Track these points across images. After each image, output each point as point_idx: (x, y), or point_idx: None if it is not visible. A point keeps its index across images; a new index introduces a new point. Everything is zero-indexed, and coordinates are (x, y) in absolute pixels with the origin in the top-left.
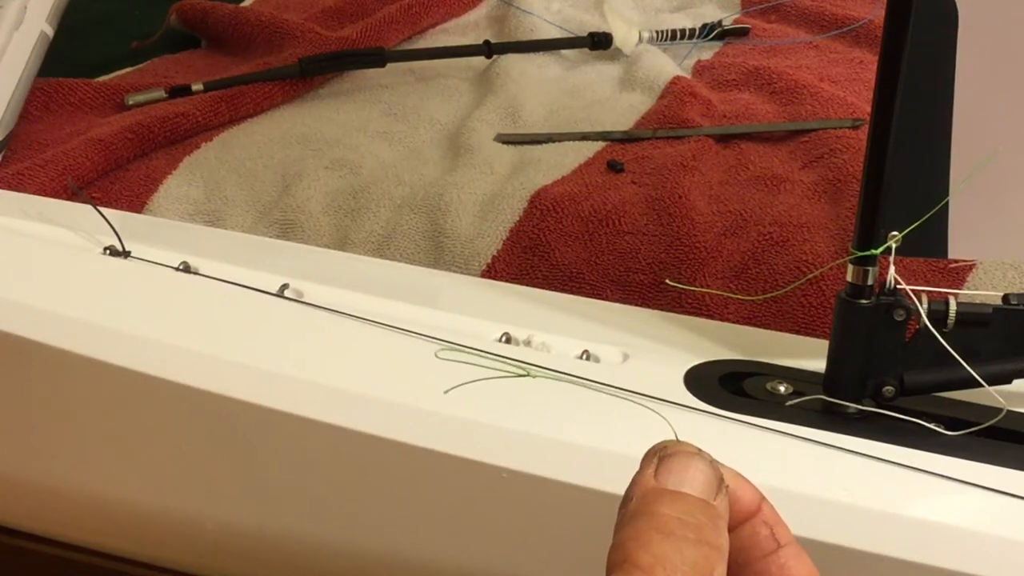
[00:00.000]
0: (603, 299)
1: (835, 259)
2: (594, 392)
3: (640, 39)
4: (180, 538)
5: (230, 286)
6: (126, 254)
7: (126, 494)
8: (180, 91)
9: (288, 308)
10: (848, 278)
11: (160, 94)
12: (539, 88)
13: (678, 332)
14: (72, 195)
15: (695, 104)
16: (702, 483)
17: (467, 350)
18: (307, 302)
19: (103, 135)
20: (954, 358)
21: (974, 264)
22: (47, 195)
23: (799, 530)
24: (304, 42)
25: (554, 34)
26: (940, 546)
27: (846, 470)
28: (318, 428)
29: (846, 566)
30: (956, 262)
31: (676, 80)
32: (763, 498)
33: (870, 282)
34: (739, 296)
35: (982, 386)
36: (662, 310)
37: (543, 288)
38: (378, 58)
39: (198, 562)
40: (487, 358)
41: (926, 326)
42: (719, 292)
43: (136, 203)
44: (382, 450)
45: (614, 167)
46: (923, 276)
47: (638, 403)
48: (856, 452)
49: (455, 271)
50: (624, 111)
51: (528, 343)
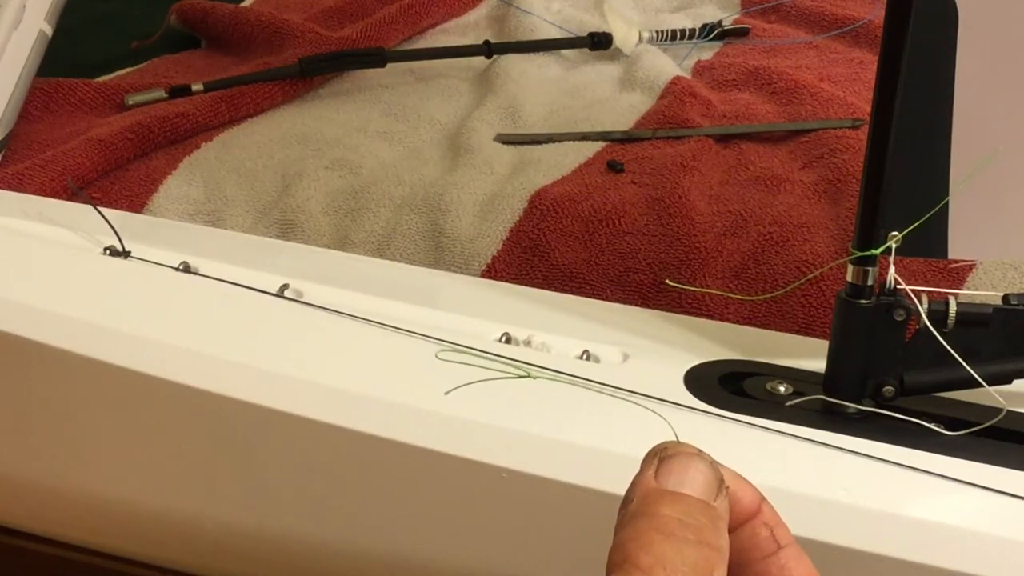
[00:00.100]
0: (603, 299)
1: (835, 259)
2: (594, 392)
3: (640, 39)
4: (180, 538)
5: (230, 286)
6: (126, 254)
7: (126, 494)
8: (180, 91)
9: (288, 308)
10: (848, 278)
11: (160, 94)
12: (539, 88)
13: (678, 332)
14: (72, 195)
15: (695, 104)
16: (702, 484)
17: (467, 350)
18: (307, 302)
19: (103, 135)
20: (954, 358)
21: (974, 264)
22: (47, 195)
23: (799, 530)
24: (304, 42)
25: (554, 34)
26: (940, 546)
27: (846, 470)
28: (318, 428)
29: (846, 566)
30: (956, 262)
31: (676, 80)
32: (763, 499)
33: (870, 282)
34: (739, 296)
35: (982, 386)
36: (662, 310)
37: (543, 288)
38: (378, 58)
39: (198, 562)
40: (487, 358)
41: (926, 326)
42: (719, 292)
43: (136, 203)
44: (382, 450)
45: (614, 167)
46: (923, 276)
47: (638, 403)
48: (856, 452)
49: (455, 271)
50: (624, 111)
51: (528, 343)
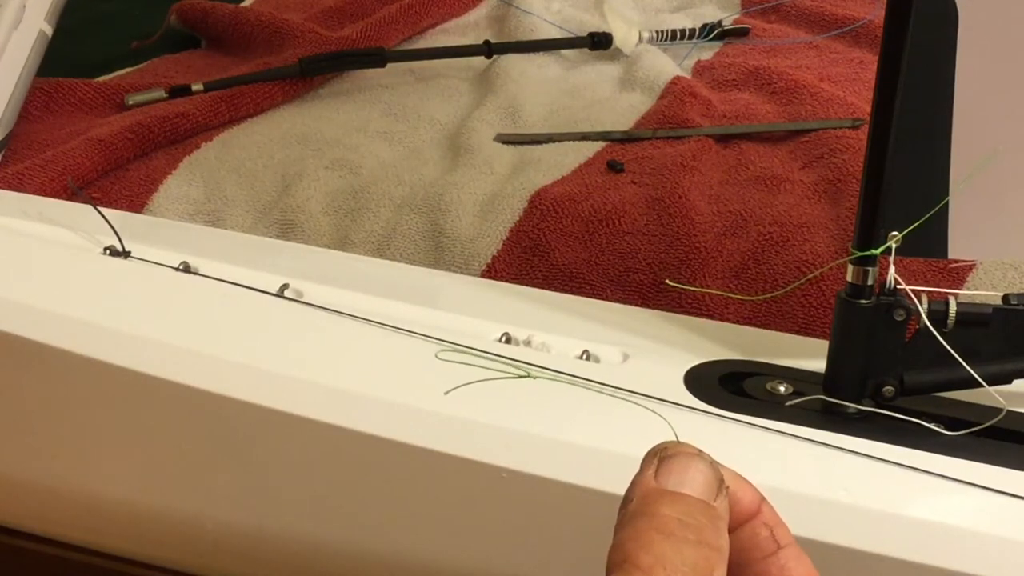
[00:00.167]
0: (603, 299)
1: (835, 259)
2: (594, 392)
3: (640, 39)
4: (180, 538)
5: (230, 286)
6: (126, 254)
7: (126, 494)
8: (180, 91)
9: (288, 308)
10: (848, 278)
11: (160, 94)
12: (539, 88)
13: (678, 332)
14: (72, 195)
15: (695, 104)
16: (702, 484)
17: (467, 350)
18: (307, 302)
19: (103, 135)
20: (954, 358)
21: (974, 264)
22: (47, 195)
23: (799, 530)
24: (304, 42)
25: (554, 34)
26: (940, 546)
27: (846, 470)
28: (318, 428)
29: (846, 566)
30: (956, 262)
31: (676, 80)
32: (763, 499)
33: (870, 282)
34: (739, 296)
35: (982, 386)
36: (662, 310)
37: (543, 288)
38: (378, 58)
39: (198, 562)
40: (487, 358)
41: (926, 326)
42: (719, 292)
43: (136, 203)
44: (382, 450)
45: (614, 167)
46: (923, 276)
47: (638, 403)
48: (856, 452)
49: (455, 271)
50: (624, 111)
51: (528, 343)
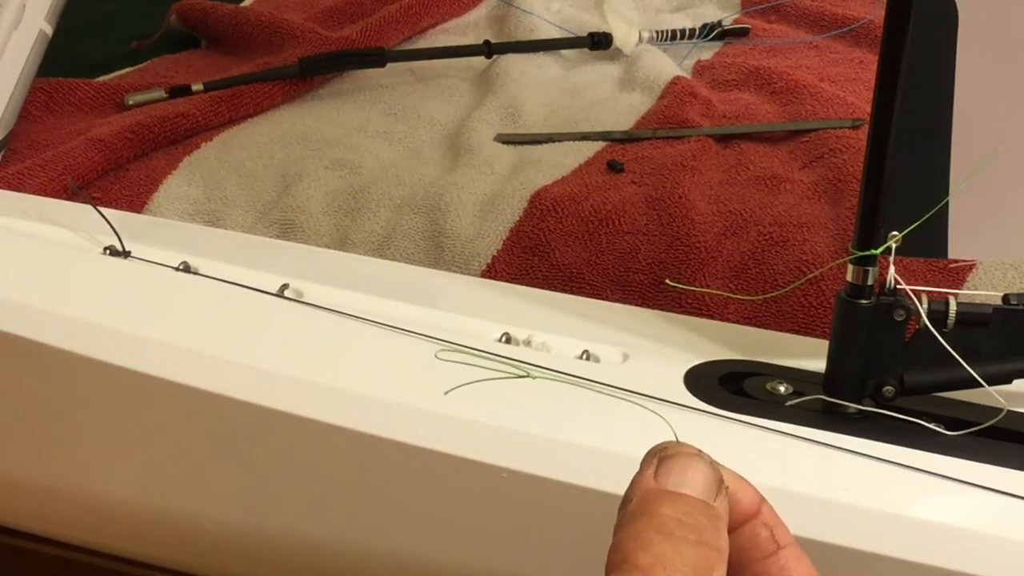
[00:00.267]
0: (603, 299)
1: (835, 259)
2: (594, 392)
3: (640, 39)
4: (180, 538)
5: (230, 286)
6: (126, 254)
7: (126, 494)
8: (180, 91)
9: (288, 308)
10: (848, 278)
11: (160, 94)
12: (539, 88)
13: (678, 332)
14: (72, 195)
15: (695, 104)
16: (702, 484)
17: (467, 350)
18: (307, 302)
19: (103, 135)
20: (954, 358)
21: (974, 264)
22: (47, 195)
23: (799, 530)
24: (304, 42)
25: (554, 34)
26: (940, 546)
27: (846, 470)
28: (318, 428)
29: (846, 566)
30: (956, 262)
31: (676, 80)
32: (763, 500)
33: (870, 282)
34: (739, 296)
35: (982, 386)
36: (662, 310)
37: (543, 288)
38: (378, 58)
39: (198, 562)
40: (487, 358)
41: (926, 326)
42: (719, 292)
43: (136, 203)
44: (382, 450)
45: (614, 167)
46: (923, 276)
47: (638, 403)
48: (856, 452)
49: (455, 271)
50: (624, 111)
51: (528, 343)
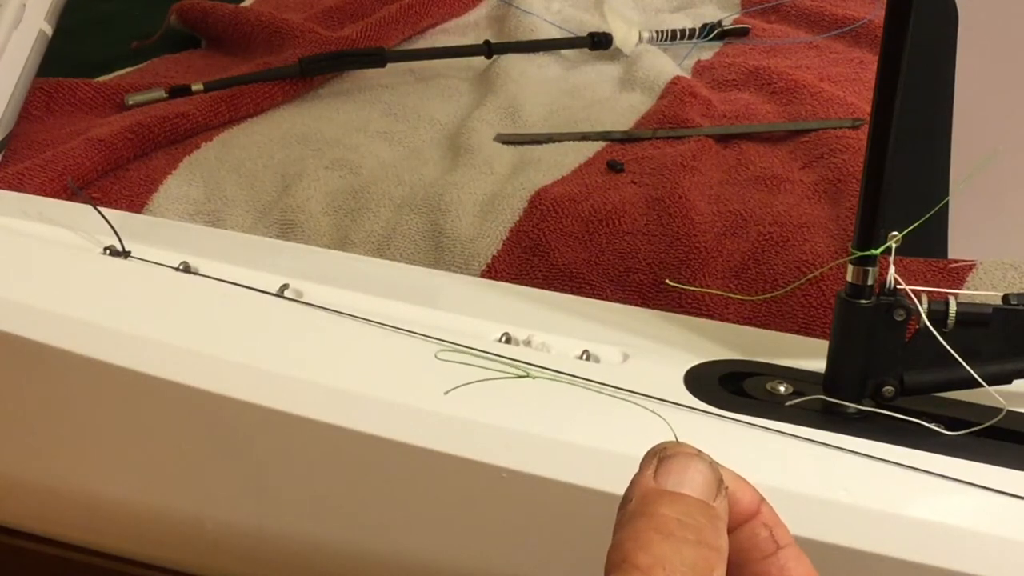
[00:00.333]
0: (603, 299)
1: (835, 259)
2: (594, 392)
3: (640, 39)
4: (180, 538)
5: (230, 286)
6: (126, 254)
7: (126, 494)
8: (180, 91)
9: (288, 308)
10: (848, 278)
11: (160, 94)
12: (539, 88)
13: (678, 332)
14: (72, 195)
15: (695, 104)
16: (701, 484)
17: (467, 350)
18: (307, 302)
19: (103, 135)
20: (954, 358)
21: (974, 264)
22: (47, 195)
23: (799, 530)
24: (304, 42)
25: (554, 34)
26: (940, 546)
27: (846, 470)
28: (318, 428)
29: (846, 566)
30: (956, 262)
31: (676, 80)
32: (762, 500)
33: (870, 282)
34: (739, 296)
35: (982, 386)
36: (662, 310)
37: (543, 288)
38: (378, 58)
39: (198, 562)
40: (487, 358)
41: (926, 326)
42: (719, 292)
43: (136, 203)
44: (382, 450)
45: (614, 167)
46: (923, 276)
47: (638, 403)
48: (856, 452)
49: (455, 271)
50: (624, 111)
51: (528, 343)
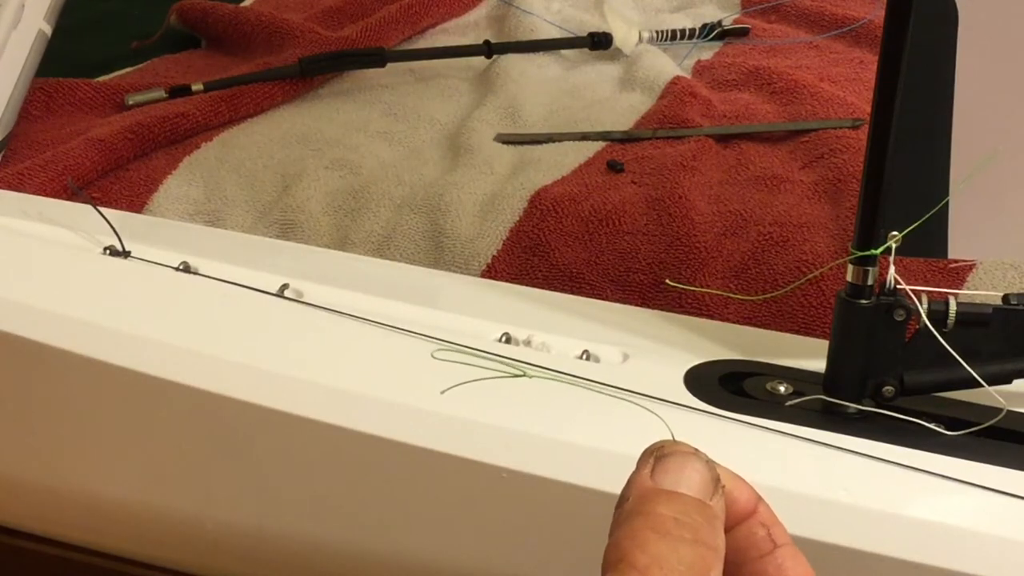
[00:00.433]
0: (603, 299)
1: (835, 259)
2: (594, 392)
3: (640, 39)
4: (180, 538)
5: (230, 286)
6: (126, 254)
7: (126, 494)
8: (180, 91)
9: (288, 308)
10: (848, 278)
11: (160, 94)
12: (539, 88)
13: (678, 332)
14: (72, 195)
15: (695, 104)
16: (698, 483)
17: (465, 350)
18: (307, 302)
19: (103, 135)
20: (954, 358)
21: (974, 264)
22: (47, 195)
23: (799, 530)
24: (304, 42)
25: (554, 34)
26: (940, 546)
27: (846, 470)
28: (318, 428)
29: (846, 566)
30: (956, 262)
31: (676, 80)
32: (760, 499)
33: (870, 282)
34: (739, 296)
35: (982, 386)
36: (662, 310)
37: (543, 288)
38: (378, 58)
39: (198, 562)
40: (485, 358)
41: (926, 326)
42: (719, 292)
43: (136, 203)
44: (382, 450)
45: (614, 167)
46: (923, 276)
47: (637, 403)
48: (856, 452)
49: (455, 271)
50: (624, 111)
51: (528, 343)
